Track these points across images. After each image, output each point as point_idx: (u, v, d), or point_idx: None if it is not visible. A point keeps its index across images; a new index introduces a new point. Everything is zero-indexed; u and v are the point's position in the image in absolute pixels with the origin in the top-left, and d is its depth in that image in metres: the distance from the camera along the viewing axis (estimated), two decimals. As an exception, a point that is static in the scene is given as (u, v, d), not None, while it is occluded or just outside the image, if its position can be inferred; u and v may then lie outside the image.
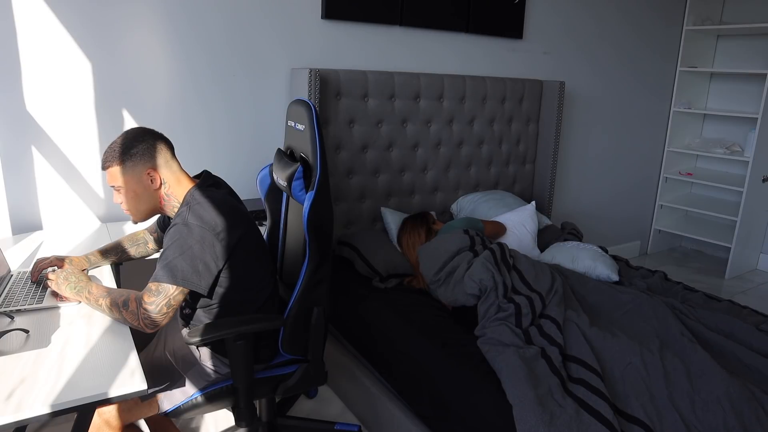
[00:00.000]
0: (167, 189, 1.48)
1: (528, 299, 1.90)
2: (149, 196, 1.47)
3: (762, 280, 3.96)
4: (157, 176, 1.46)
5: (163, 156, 1.47)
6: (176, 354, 1.60)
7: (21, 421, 1.04)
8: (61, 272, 1.49)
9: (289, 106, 1.72)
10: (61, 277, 1.47)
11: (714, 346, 1.88)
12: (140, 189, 1.45)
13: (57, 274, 1.49)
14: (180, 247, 1.37)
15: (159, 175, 1.46)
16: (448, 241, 2.16)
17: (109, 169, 1.44)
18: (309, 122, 1.59)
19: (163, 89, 2.25)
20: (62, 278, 1.47)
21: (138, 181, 1.45)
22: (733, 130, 4.23)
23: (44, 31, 1.99)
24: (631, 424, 1.49)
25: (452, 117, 2.87)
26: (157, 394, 1.52)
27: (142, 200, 1.47)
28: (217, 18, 2.29)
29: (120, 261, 1.76)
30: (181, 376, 1.55)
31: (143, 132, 1.47)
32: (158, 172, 1.46)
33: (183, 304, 1.56)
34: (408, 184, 2.82)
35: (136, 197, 1.46)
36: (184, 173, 1.52)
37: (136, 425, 1.63)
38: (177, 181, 1.49)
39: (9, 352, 1.22)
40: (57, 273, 1.49)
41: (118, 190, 1.46)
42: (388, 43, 2.74)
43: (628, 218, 4.25)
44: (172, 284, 1.36)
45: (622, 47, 3.75)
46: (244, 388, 1.54)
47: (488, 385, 1.64)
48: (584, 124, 3.70)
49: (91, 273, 1.70)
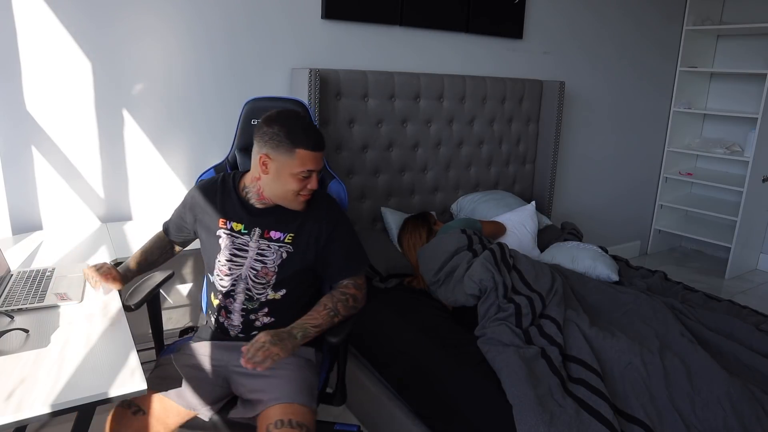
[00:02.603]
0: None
1: (528, 299, 1.90)
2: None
3: (762, 280, 3.96)
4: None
5: None
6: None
7: (21, 421, 1.04)
8: (266, 339, 1.32)
9: (253, 105, 1.75)
10: (275, 346, 1.31)
11: (714, 346, 1.87)
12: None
13: (265, 346, 1.30)
14: (354, 232, 1.61)
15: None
16: (446, 242, 2.16)
17: (322, 152, 1.48)
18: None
19: (163, 89, 2.25)
20: (276, 344, 1.32)
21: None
22: (733, 130, 4.22)
23: (44, 30, 1.99)
24: (631, 424, 1.49)
25: (452, 117, 2.87)
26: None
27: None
28: (217, 18, 2.29)
29: (148, 269, 1.69)
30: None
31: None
32: None
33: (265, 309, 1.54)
34: (408, 184, 2.82)
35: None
36: None
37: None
38: None
39: (9, 352, 1.22)
40: (263, 344, 1.31)
41: (316, 174, 1.49)
42: (388, 43, 2.74)
43: (628, 218, 4.25)
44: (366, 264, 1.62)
45: (623, 47, 3.74)
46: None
47: (488, 385, 1.64)
48: (584, 124, 3.70)
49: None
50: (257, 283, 1.51)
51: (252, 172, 1.52)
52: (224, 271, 1.52)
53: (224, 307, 1.55)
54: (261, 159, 1.45)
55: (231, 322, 1.55)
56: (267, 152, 1.44)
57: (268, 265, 1.51)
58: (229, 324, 1.55)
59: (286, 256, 1.51)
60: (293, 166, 1.43)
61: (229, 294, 1.53)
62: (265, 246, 1.51)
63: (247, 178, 1.56)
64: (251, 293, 1.52)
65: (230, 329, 1.55)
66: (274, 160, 1.44)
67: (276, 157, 1.44)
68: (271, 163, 1.44)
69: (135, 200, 2.30)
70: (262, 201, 1.53)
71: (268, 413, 1.35)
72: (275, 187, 1.48)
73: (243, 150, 1.84)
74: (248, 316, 1.53)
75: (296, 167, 1.43)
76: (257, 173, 1.49)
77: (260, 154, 1.45)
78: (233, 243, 1.52)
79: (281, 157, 1.43)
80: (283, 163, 1.44)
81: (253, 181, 1.52)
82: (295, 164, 1.43)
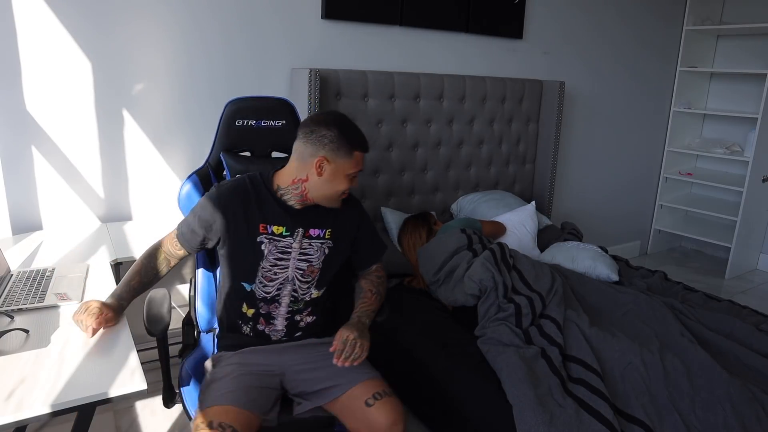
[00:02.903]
0: None
1: (528, 299, 1.90)
2: None
3: (762, 280, 3.95)
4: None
5: None
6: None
7: (21, 421, 1.04)
8: (355, 335, 1.40)
9: (237, 105, 1.73)
10: (359, 337, 1.41)
11: (714, 346, 1.87)
12: None
13: (357, 342, 1.39)
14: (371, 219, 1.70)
15: None
16: (446, 241, 2.16)
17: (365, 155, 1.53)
18: (291, 117, 1.74)
19: (163, 89, 2.25)
20: (362, 336, 1.42)
21: None
22: (733, 130, 4.22)
23: (44, 31, 1.99)
24: (631, 424, 1.49)
25: (452, 117, 2.87)
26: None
27: None
28: (217, 18, 2.29)
29: (142, 292, 1.55)
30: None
31: None
32: None
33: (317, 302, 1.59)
34: (408, 184, 2.82)
35: None
36: None
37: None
38: None
39: (9, 352, 1.22)
40: (354, 341, 1.39)
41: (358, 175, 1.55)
42: (388, 43, 2.74)
43: (628, 218, 4.25)
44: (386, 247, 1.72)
45: (623, 47, 3.74)
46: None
47: (488, 385, 1.64)
48: (584, 124, 3.70)
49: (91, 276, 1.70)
50: (303, 283, 1.53)
51: (293, 173, 1.50)
52: (269, 276, 1.51)
53: (265, 314, 1.52)
54: (318, 162, 1.46)
55: (274, 328, 1.53)
56: (325, 155, 1.46)
57: (313, 263, 1.53)
58: (271, 330, 1.54)
59: (328, 251, 1.55)
60: (349, 168, 1.48)
61: (274, 299, 1.52)
62: (307, 245, 1.53)
63: (281, 179, 1.53)
64: (297, 294, 1.53)
65: (272, 335, 1.54)
66: (332, 162, 1.46)
67: (334, 159, 1.46)
68: (327, 165, 1.46)
69: (135, 200, 2.30)
70: (303, 201, 1.52)
71: (354, 392, 1.42)
72: (326, 188, 1.49)
73: (228, 152, 1.75)
74: (293, 318, 1.54)
75: (351, 168, 1.49)
76: (303, 175, 1.48)
77: (318, 157, 1.46)
78: (276, 247, 1.50)
79: (340, 160, 1.47)
80: (340, 165, 1.47)
81: (295, 183, 1.50)
82: (350, 165, 1.48)
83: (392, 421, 1.38)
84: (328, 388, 1.45)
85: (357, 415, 1.40)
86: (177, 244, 1.55)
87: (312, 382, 1.48)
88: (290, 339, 1.55)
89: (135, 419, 2.07)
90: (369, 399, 1.40)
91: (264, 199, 1.51)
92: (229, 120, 1.72)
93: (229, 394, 1.36)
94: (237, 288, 1.53)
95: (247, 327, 1.54)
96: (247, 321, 1.54)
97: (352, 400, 1.41)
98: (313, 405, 1.45)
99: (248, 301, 1.52)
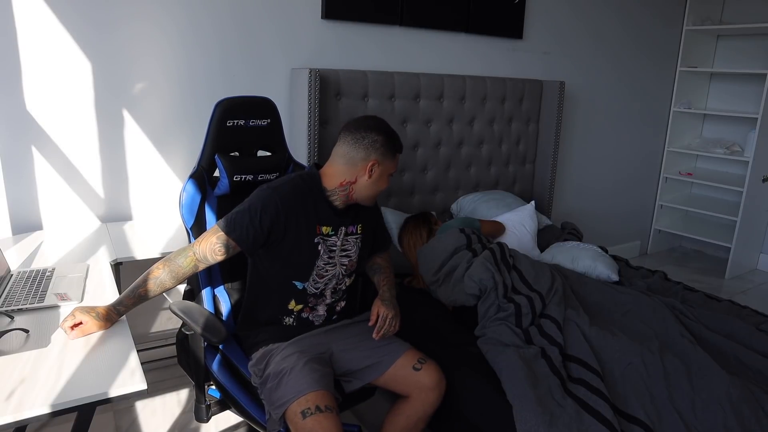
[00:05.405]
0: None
1: (528, 299, 1.90)
2: None
3: (762, 280, 3.96)
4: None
5: None
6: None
7: (21, 421, 1.04)
8: (390, 312, 1.62)
9: (226, 106, 1.70)
10: (397, 315, 1.65)
11: (714, 346, 1.87)
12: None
13: (390, 315, 1.61)
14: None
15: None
16: (445, 241, 2.16)
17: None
18: (273, 115, 1.76)
19: (164, 89, 2.25)
20: (396, 312, 1.65)
21: None
22: (733, 130, 4.23)
23: (44, 31, 1.99)
24: (631, 424, 1.49)
25: (452, 117, 2.87)
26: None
27: None
28: (217, 18, 2.29)
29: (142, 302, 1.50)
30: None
31: None
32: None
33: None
34: (408, 184, 2.82)
35: None
36: None
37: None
38: None
39: (9, 352, 1.22)
40: (391, 317, 1.62)
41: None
42: (388, 43, 2.74)
43: (628, 218, 4.25)
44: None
45: (623, 47, 3.75)
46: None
47: (488, 385, 1.64)
48: (584, 124, 3.70)
49: (91, 276, 1.70)
50: (345, 276, 1.66)
51: (340, 176, 1.57)
52: (321, 274, 1.60)
53: (311, 306, 1.64)
54: (370, 165, 1.55)
55: (316, 313, 1.66)
56: (377, 158, 1.56)
57: (353, 258, 1.66)
58: (314, 316, 1.66)
59: (361, 244, 1.68)
60: (392, 168, 1.61)
61: (322, 293, 1.63)
62: (346, 241, 1.64)
63: (328, 181, 1.59)
64: (339, 286, 1.66)
65: (315, 320, 1.66)
66: (381, 164, 1.57)
67: (383, 162, 1.57)
68: (377, 167, 1.56)
69: (135, 200, 2.30)
70: (346, 202, 1.62)
71: (400, 362, 1.60)
72: (371, 189, 1.59)
73: (223, 152, 1.71)
74: (333, 306, 1.68)
75: (393, 169, 1.62)
76: (352, 177, 1.57)
77: (370, 160, 1.55)
78: (326, 246, 1.59)
79: (387, 162, 1.58)
80: (386, 167, 1.59)
81: (343, 185, 1.58)
82: (393, 166, 1.61)
83: (438, 378, 1.61)
84: (374, 365, 1.60)
85: (408, 381, 1.59)
86: (220, 249, 1.48)
87: (356, 360, 1.60)
88: (329, 322, 1.69)
89: (135, 419, 2.07)
90: (416, 364, 1.60)
91: (319, 201, 1.59)
92: (221, 121, 1.70)
93: (314, 380, 1.43)
94: (287, 287, 1.59)
95: (290, 319, 1.63)
96: (290, 314, 1.62)
97: (398, 369, 1.59)
98: (363, 383, 1.59)
99: (297, 298, 1.61)
